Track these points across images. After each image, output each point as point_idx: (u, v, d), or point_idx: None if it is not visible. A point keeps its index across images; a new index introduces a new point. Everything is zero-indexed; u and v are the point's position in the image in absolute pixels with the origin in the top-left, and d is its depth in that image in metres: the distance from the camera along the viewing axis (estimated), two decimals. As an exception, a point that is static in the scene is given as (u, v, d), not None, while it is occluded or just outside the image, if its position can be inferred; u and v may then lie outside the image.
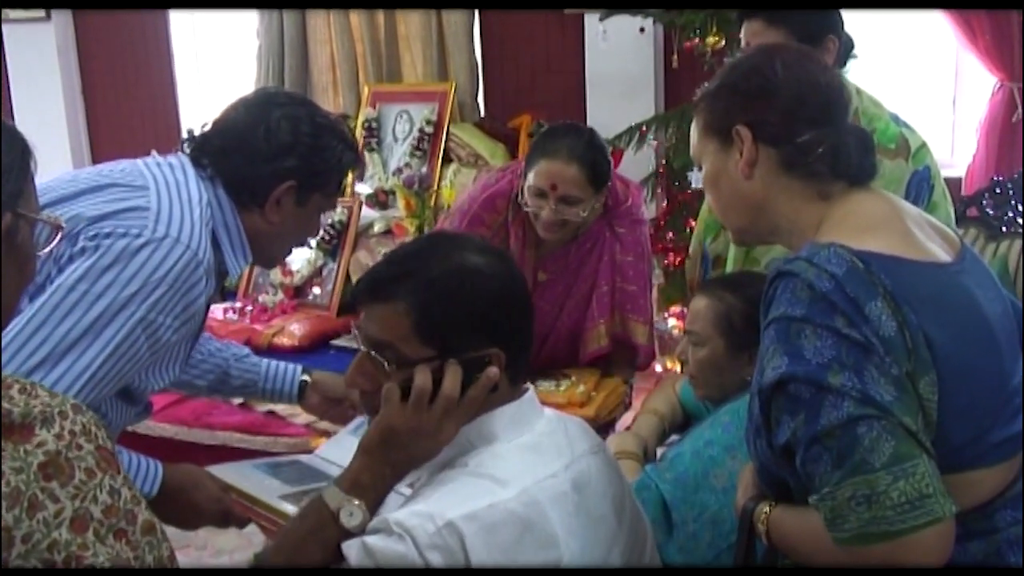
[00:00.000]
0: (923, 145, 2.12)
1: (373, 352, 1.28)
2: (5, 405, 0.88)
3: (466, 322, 1.26)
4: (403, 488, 1.34)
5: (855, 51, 2.14)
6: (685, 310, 3.66)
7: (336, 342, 3.54)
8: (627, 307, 2.54)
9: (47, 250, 1.06)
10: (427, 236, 1.47)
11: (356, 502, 1.23)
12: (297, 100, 1.76)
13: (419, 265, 1.28)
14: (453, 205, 2.78)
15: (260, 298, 3.74)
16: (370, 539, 1.16)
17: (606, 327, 2.54)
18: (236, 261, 1.68)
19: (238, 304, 3.72)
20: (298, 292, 3.83)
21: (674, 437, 2.09)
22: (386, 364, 1.27)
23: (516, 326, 1.31)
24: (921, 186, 2.08)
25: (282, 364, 2.01)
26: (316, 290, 3.86)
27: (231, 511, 1.63)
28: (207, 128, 1.72)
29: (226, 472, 1.73)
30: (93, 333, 1.48)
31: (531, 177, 2.33)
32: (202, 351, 1.95)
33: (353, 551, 1.17)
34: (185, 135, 1.73)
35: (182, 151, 1.71)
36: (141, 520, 0.94)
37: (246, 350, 2.04)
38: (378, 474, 1.26)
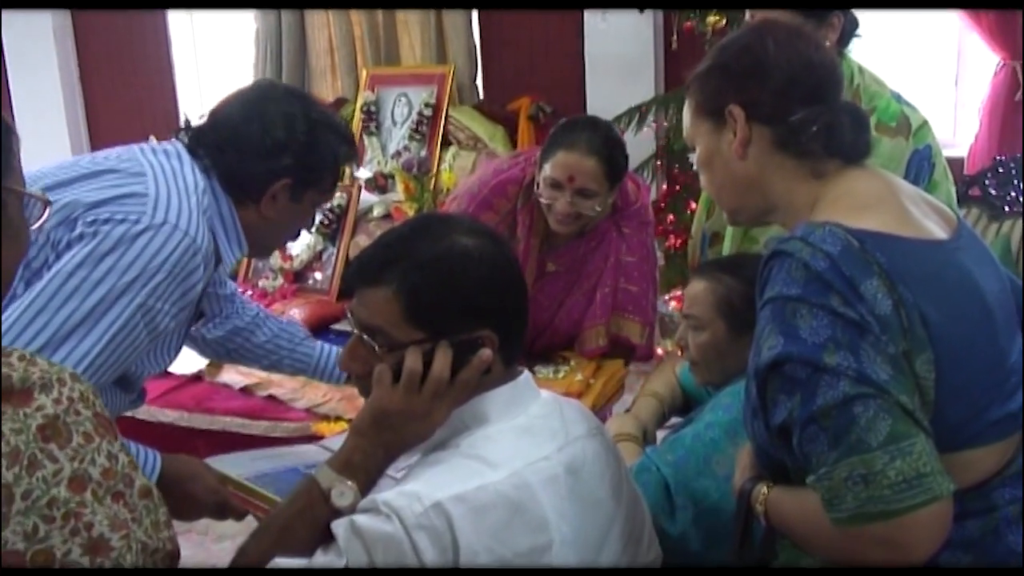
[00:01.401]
0: (924, 123, 2.10)
1: (365, 336, 1.28)
2: (4, 371, 0.91)
3: (456, 305, 1.25)
4: (395, 472, 1.33)
5: (859, 30, 2.12)
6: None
7: (336, 326, 3.54)
8: (628, 307, 2.55)
9: (37, 225, 1.08)
10: (417, 218, 1.46)
11: (348, 483, 1.23)
12: (294, 94, 1.76)
13: (408, 248, 1.27)
14: (461, 187, 2.76)
15: (260, 283, 3.74)
16: (358, 518, 1.16)
17: (605, 327, 2.55)
18: (231, 250, 1.69)
19: (238, 290, 3.72)
20: (298, 277, 3.82)
21: (674, 419, 2.09)
22: (377, 348, 1.26)
23: (509, 308, 1.30)
24: (922, 165, 2.06)
25: (330, 349, 2.11)
26: (316, 275, 3.85)
27: (228, 503, 1.62)
28: (203, 120, 1.72)
29: (224, 464, 1.73)
30: (92, 319, 1.49)
31: (548, 168, 2.32)
32: (258, 339, 2.04)
33: (341, 530, 1.17)
34: (182, 124, 1.73)
35: (178, 139, 1.71)
36: (138, 484, 0.96)
37: (302, 335, 2.12)
38: (370, 455, 1.26)
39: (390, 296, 1.24)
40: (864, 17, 2.13)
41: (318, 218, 2.99)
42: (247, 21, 4.69)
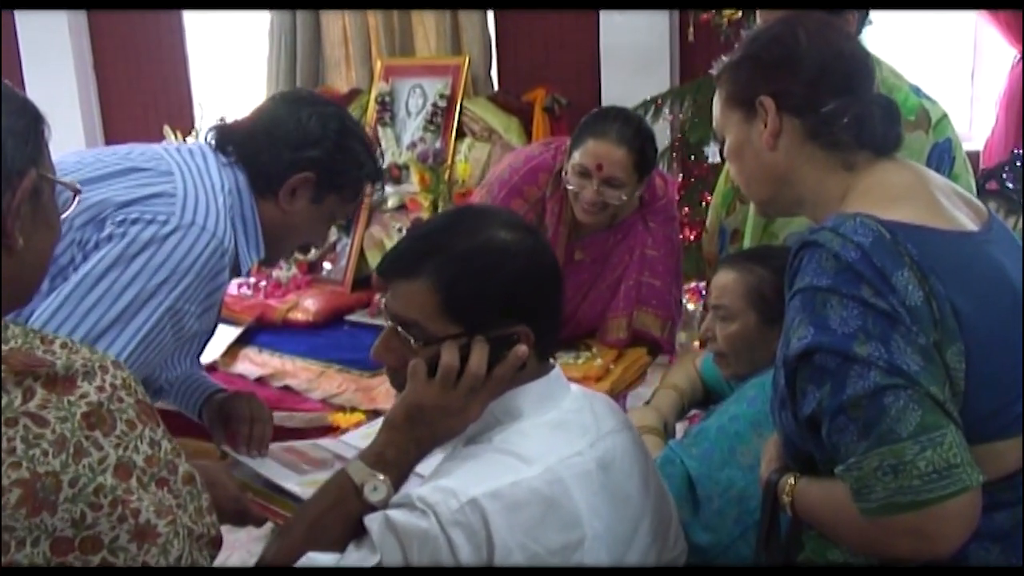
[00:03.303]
0: (944, 116, 2.09)
1: (399, 328, 1.27)
2: (48, 358, 0.91)
3: (493, 300, 1.24)
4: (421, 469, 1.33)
5: (870, 17, 2.11)
6: (700, 285, 3.65)
7: (350, 317, 3.54)
8: (652, 301, 2.56)
9: (67, 214, 1.08)
10: (454, 211, 1.45)
11: (381, 477, 1.22)
12: (332, 102, 1.80)
13: (445, 241, 1.26)
14: (491, 173, 2.75)
15: (274, 273, 3.74)
16: (393, 513, 1.16)
17: (627, 320, 2.56)
18: (249, 253, 1.70)
19: (251, 279, 3.72)
20: (312, 267, 3.83)
21: (693, 412, 2.08)
22: (412, 341, 1.25)
23: (545, 303, 1.29)
24: (942, 158, 2.05)
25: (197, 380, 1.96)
26: (327, 265, 3.86)
27: (248, 510, 1.61)
28: (232, 120, 1.75)
29: (243, 468, 1.74)
30: (122, 322, 1.51)
31: (577, 155, 2.32)
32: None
33: (375, 525, 1.16)
34: (210, 125, 1.75)
35: (205, 140, 1.73)
36: (182, 471, 0.97)
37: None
38: (403, 450, 1.25)
39: (426, 290, 1.23)
40: (879, 9, 2.12)
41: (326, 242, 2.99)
42: (262, 11, 4.68)
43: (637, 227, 2.51)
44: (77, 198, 1.10)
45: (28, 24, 5.07)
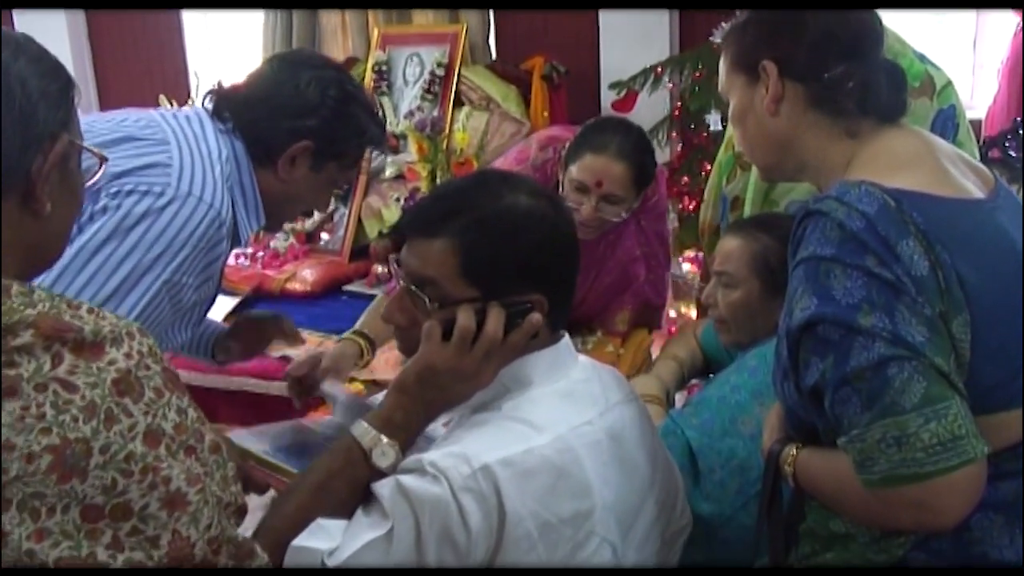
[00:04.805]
0: (948, 83, 2.07)
1: (414, 287, 1.25)
2: (76, 323, 0.90)
3: (512, 265, 1.23)
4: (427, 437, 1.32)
5: None
6: (699, 254, 3.63)
7: (348, 287, 3.54)
8: (652, 295, 2.62)
9: (92, 182, 1.07)
10: (478, 173, 1.43)
11: (388, 441, 1.21)
12: (331, 65, 1.75)
13: (469, 203, 1.24)
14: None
15: (272, 243, 3.73)
16: (404, 478, 1.14)
17: (630, 314, 2.59)
18: (249, 222, 1.68)
19: (249, 250, 3.70)
20: (309, 237, 3.81)
21: (693, 381, 2.08)
22: (427, 301, 1.24)
23: (561, 273, 1.28)
24: (946, 125, 2.03)
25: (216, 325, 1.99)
26: (325, 235, 3.84)
27: (250, 477, 1.60)
28: (230, 85, 1.71)
29: (245, 439, 1.72)
30: (119, 296, 1.49)
31: (574, 170, 2.24)
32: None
33: (386, 490, 1.15)
34: (207, 90, 1.72)
35: (201, 105, 1.69)
36: (208, 439, 0.96)
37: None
38: (412, 413, 1.23)
39: (448, 249, 1.22)
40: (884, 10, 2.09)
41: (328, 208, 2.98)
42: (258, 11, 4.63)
43: (630, 228, 2.48)
44: (103, 167, 1.09)
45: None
